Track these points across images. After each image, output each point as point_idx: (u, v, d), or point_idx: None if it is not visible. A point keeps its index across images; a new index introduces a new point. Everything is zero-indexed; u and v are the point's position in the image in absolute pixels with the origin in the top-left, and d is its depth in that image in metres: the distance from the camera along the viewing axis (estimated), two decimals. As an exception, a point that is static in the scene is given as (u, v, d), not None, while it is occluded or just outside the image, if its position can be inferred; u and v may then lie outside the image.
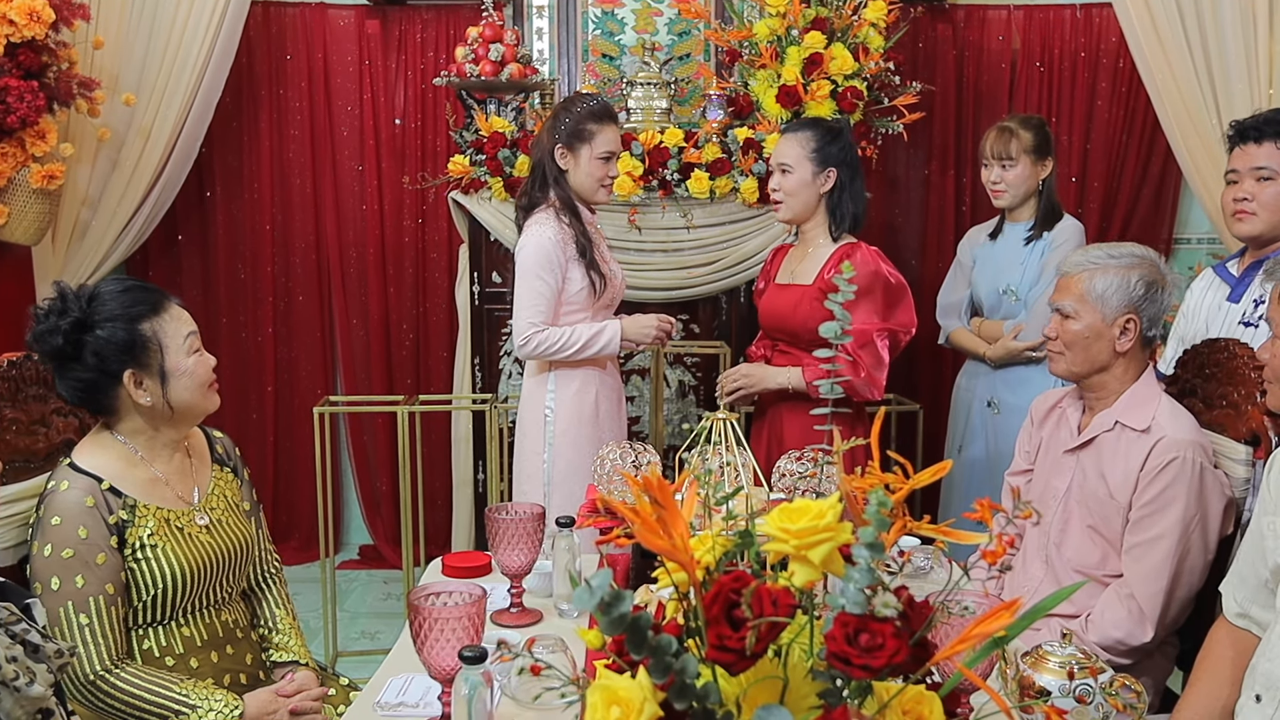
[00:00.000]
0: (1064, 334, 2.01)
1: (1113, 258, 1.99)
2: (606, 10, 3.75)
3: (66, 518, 1.67)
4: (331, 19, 4.05)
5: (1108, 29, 3.93)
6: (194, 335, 1.80)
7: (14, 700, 1.23)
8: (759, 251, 3.39)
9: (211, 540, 1.82)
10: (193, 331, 1.80)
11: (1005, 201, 3.03)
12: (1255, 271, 2.34)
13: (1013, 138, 2.96)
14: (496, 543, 1.82)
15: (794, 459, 1.88)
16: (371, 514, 4.31)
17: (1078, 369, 2.03)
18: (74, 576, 1.66)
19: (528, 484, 2.68)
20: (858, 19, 3.32)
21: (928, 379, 4.12)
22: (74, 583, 1.66)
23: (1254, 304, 2.34)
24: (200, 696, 1.69)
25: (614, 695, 0.86)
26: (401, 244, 4.15)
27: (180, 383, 1.76)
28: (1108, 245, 2.03)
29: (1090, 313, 1.98)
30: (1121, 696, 1.32)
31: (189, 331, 1.79)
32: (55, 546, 1.66)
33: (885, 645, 0.83)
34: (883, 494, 0.87)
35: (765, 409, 2.70)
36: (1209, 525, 1.90)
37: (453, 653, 1.37)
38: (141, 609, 1.75)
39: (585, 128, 2.57)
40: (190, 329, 1.80)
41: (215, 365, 1.84)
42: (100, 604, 1.67)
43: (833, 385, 1.11)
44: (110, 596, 1.68)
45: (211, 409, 1.85)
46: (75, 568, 1.66)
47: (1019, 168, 2.97)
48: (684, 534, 0.91)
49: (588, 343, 2.58)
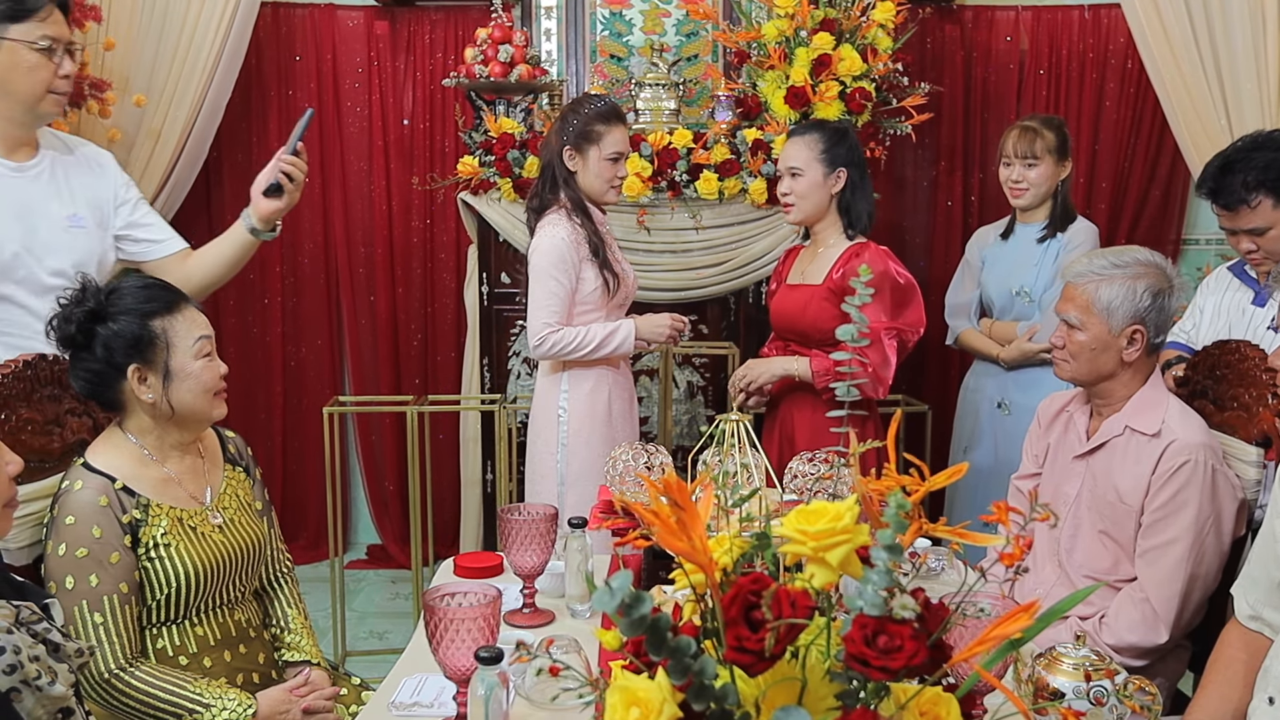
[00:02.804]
0: (1070, 344, 2.00)
1: (1118, 267, 1.96)
2: (615, 11, 3.75)
3: (80, 517, 1.68)
4: (340, 20, 4.06)
5: (1116, 29, 3.93)
6: (206, 340, 1.80)
7: (35, 699, 1.24)
8: (767, 252, 3.40)
9: (224, 540, 1.83)
10: (205, 336, 1.80)
11: (1025, 201, 3.01)
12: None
13: (1037, 137, 2.95)
14: (509, 543, 1.83)
15: (806, 460, 1.89)
16: (380, 514, 4.32)
17: (1083, 376, 2.02)
18: (88, 576, 1.67)
19: (541, 484, 2.68)
20: (866, 20, 3.32)
21: (936, 379, 4.11)
22: (88, 582, 1.67)
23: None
24: (214, 695, 1.70)
25: (633, 696, 0.87)
26: (410, 244, 4.16)
27: (184, 384, 1.77)
28: (1113, 252, 2.01)
29: (1097, 324, 1.96)
30: (1136, 698, 1.32)
31: (200, 335, 1.79)
32: (70, 546, 1.67)
33: (903, 647, 0.84)
34: (901, 497, 0.88)
35: (776, 406, 2.70)
36: (1222, 527, 1.90)
37: (468, 653, 1.37)
38: (155, 608, 1.76)
39: (593, 129, 2.58)
40: (202, 333, 1.80)
41: (225, 374, 1.83)
42: (114, 603, 1.68)
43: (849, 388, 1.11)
44: (124, 595, 1.69)
45: (216, 417, 1.84)
46: (89, 567, 1.67)
47: (1042, 167, 2.96)
48: (702, 536, 0.91)
49: (602, 342, 2.59)
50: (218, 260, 2.44)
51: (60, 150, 2.33)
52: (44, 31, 2.15)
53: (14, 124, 2.22)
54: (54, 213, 2.26)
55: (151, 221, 2.45)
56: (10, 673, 1.22)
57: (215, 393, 1.82)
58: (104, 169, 2.39)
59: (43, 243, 2.23)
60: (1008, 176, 3.02)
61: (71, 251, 2.26)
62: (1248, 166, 2.26)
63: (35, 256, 2.21)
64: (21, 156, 2.25)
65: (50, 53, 2.16)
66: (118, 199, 2.39)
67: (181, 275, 2.40)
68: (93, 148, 2.43)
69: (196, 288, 2.41)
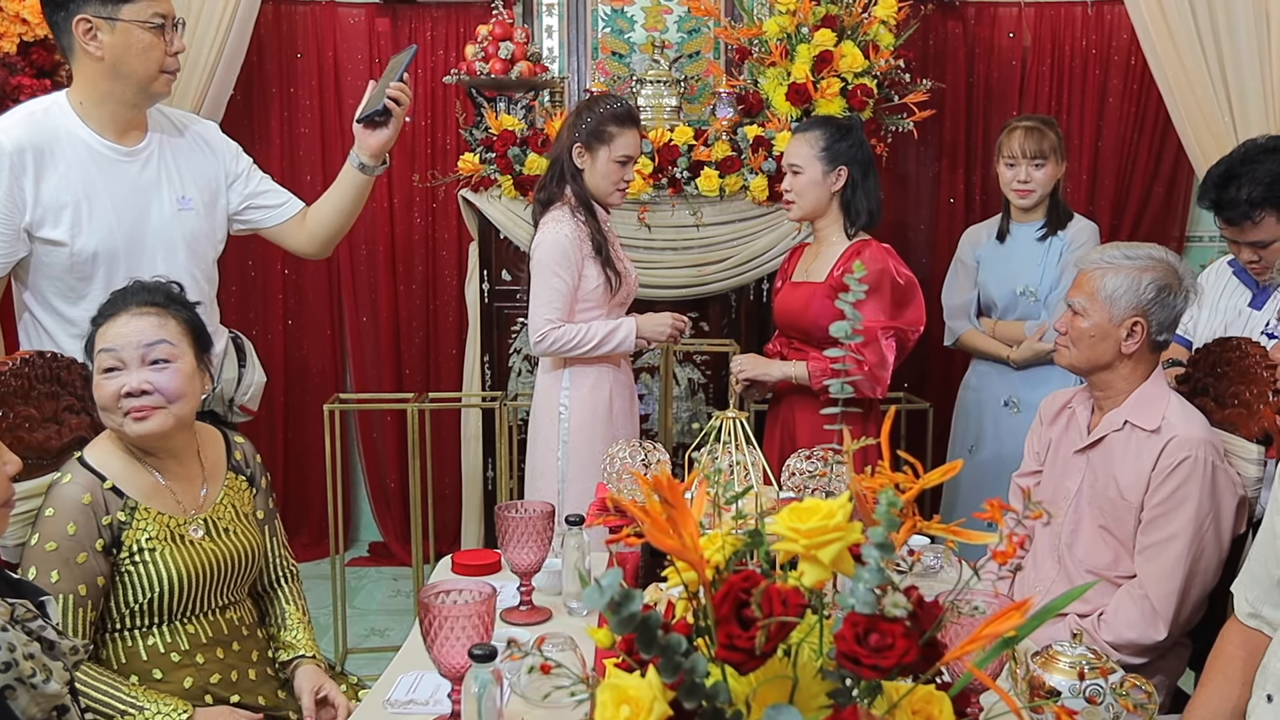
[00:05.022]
0: (1071, 330, 2.00)
1: (1129, 258, 1.97)
2: (616, 8, 3.75)
3: (59, 511, 1.68)
4: (342, 17, 4.06)
5: (1119, 26, 3.92)
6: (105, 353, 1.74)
7: (30, 697, 1.24)
8: (769, 249, 3.39)
9: (214, 548, 1.81)
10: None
11: (1031, 201, 2.99)
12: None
13: (1044, 137, 2.94)
14: (506, 540, 1.83)
15: (804, 458, 1.88)
16: (381, 511, 4.32)
17: (1080, 364, 2.03)
18: (50, 570, 1.66)
19: (541, 481, 2.68)
20: (868, 16, 3.32)
21: (937, 377, 4.10)
22: (48, 576, 1.65)
23: (1278, 315, 2.33)
24: (149, 700, 1.67)
25: (623, 694, 0.86)
26: (411, 241, 4.16)
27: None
28: (1128, 245, 2.01)
29: (1099, 311, 1.96)
30: (1132, 697, 1.32)
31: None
32: (42, 537, 1.67)
33: (895, 645, 0.83)
34: (893, 494, 0.87)
35: (778, 404, 2.70)
36: (1222, 523, 1.89)
37: (463, 651, 1.37)
38: (139, 610, 1.74)
39: (605, 129, 2.57)
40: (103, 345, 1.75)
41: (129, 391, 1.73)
42: (68, 603, 1.66)
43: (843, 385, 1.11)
44: (80, 598, 1.67)
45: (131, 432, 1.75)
46: (53, 562, 1.66)
47: (1049, 167, 2.96)
48: (694, 533, 0.91)
49: (604, 339, 2.59)
50: (337, 208, 2.44)
51: (169, 131, 2.31)
52: (155, 9, 2.13)
53: (126, 105, 2.19)
54: (164, 196, 2.25)
55: (268, 188, 2.44)
56: (5, 670, 1.22)
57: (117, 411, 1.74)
58: (212, 147, 2.38)
59: (153, 229, 2.22)
60: (1013, 177, 2.99)
61: (181, 234, 2.26)
62: (1251, 180, 2.23)
63: (144, 245, 2.21)
64: (131, 140, 2.23)
65: (161, 30, 2.14)
66: (230, 175, 2.38)
67: (305, 235, 2.45)
68: (201, 124, 2.42)
69: (322, 241, 2.46)
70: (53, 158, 2.13)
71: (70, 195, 2.14)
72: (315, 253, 2.53)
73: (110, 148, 2.19)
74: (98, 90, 2.16)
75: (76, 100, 2.18)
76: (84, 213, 2.15)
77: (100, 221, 2.16)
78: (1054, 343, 2.13)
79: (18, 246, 2.14)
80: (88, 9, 2.08)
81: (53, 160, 2.13)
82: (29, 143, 2.11)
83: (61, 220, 2.13)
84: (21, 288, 2.24)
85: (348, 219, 2.47)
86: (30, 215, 2.12)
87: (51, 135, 2.14)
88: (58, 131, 2.15)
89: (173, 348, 1.76)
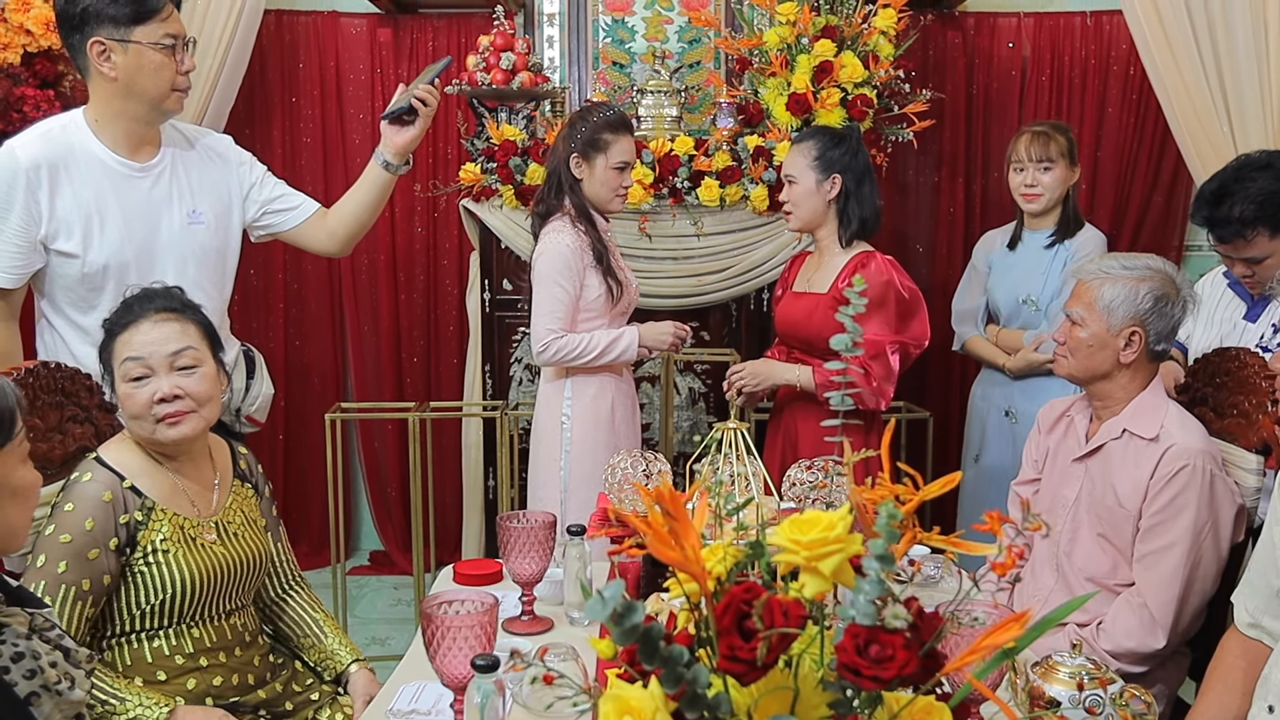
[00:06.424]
0: (1070, 340, 2.02)
1: (1126, 268, 1.98)
2: (617, 18, 3.76)
3: (79, 506, 1.69)
4: (344, 27, 4.07)
5: (1118, 36, 3.93)
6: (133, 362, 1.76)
7: (54, 704, 1.25)
8: (769, 259, 3.40)
9: (225, 552, 1.83)
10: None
11: (1039, 206, 2.98)
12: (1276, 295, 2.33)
13: (1050, 140, 2.94)
14: (508, 550, 1.83)
15: (804, 468, 1.89)
16: (382, 520, 4.32)
17: (1078, 374, 2.04)
18: (59, 560, 1.67)
19: (543, 490, 2.69)
20: (868, 27, 3.33)
21: (938, 386, 4.11)
22: (56, 565, 1.66)
23: (1273, 329, 2.33)
24: (131, 692, 1.67)
25: (626, 705, 0.87)
26: (412, 251, 4.17)
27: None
28: (1126, 255, 2.02)
29: (1097, 321, 1.97)
30: (1131, 707, 1.32)
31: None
32: (58, 529, 1.68)
33: (895, 656, 0.84)
34: (892, 506, 0.88)
35: (780, 413, 2.70)
36: (1220, 532, 1.89)
37: (465, 661, 1.38)
38: (149, 613, 1.75)
39: (601, 137, 2.58)
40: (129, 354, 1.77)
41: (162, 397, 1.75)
42: (69, 594, 1.66)
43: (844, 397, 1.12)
44: (82, 592, 1.68)
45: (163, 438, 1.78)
46: (64, 553, 1.67)
47: (1056, 171, 2.95)
48: (696, 545, 0.92)
49: (606, 348, 2.59)
50: (360, 206, 2.50)
51: (181, 145, 2.36)
52: (166, 30, 2.17)
53: (139, 122, 2.24)
54: (175, 211, 2.29)
55: (282, 193, 2.49)
56: (30, 678, 1.23)
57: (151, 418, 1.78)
58: (224, 159, 2.42)
59: (163, 243, 2.27)
60: (1021, 181, 2.99)
61: (190, 247, 2.30)
62: (1244, 197, 2.22)
63: (153, 258, 2.25)
64: (145, 156, 2.27)
65: (172, 50, 2.19)
66: (244, 185, 2.43)
67: (326, 233, 2.49)
68: (213, 136, 2.46)
69: (344, 240, 2.51)
70: (68, 173, 2.19)
71: (83, 210, 2.19)
72: (337, 251, 2.59)
73: (123, 164, 2.24)
74: (111, 108, 2.21)
75: (92, 118, 2.23)
76: (95, 226, 2.20)
77: (111, 235, 2.21)
78: (1051, 353, 2.13)
79: (34, 258, 2.20)
80: (101, 31, 2.13)
81: (68, 175, 2.19)
82: (45, 159, 2.16)
83: (74, 233, 2.19)
84: (39, 296, 2.30)
85: (370, 216, 2.53)
86: (45, 228, 2.18)
87: (67, 151, 2.19)
88: (73, 148, 2.20)
89: (197, 352, 1.80)
